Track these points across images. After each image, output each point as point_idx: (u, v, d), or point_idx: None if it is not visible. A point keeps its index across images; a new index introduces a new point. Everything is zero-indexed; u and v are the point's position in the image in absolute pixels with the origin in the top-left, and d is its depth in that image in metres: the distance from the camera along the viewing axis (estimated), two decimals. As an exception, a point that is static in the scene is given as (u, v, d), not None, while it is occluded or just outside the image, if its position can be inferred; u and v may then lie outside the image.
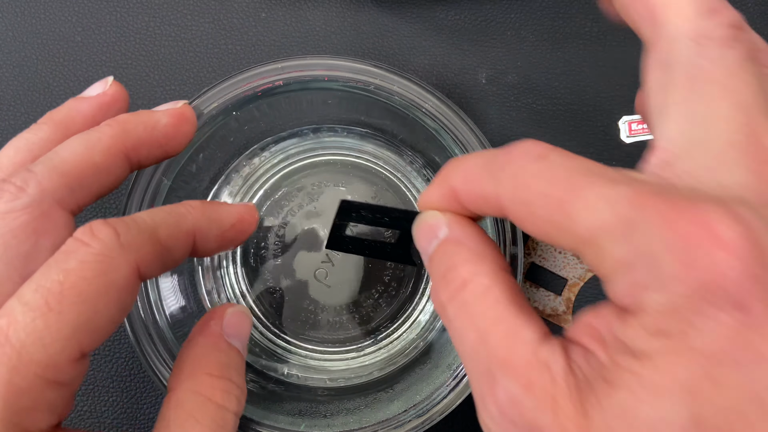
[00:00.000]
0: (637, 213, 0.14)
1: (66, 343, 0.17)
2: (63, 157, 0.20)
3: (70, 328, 0.17)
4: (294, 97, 0.28)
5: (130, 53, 0.34)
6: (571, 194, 0.15)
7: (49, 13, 0.34)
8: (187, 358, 0.21)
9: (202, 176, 0.30)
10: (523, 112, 0.33)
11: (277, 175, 0.31)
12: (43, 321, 0.17)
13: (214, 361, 0.21)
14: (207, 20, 0.34)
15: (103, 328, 0.18)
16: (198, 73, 0.34)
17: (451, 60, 0.34)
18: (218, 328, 0.22)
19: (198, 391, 0.20)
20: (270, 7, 0.34)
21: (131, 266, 0.18)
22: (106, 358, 0.31)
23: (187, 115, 0.23)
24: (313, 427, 0.26)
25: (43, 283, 0.17)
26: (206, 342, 0.22)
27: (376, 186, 0.31)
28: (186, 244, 0.21)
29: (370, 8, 0.34)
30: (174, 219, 0.20)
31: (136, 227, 0.19)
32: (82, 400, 0.31)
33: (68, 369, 0.17)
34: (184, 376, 0.21)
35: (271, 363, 0.30)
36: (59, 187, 0.20)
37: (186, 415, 0.20)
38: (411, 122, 0.28)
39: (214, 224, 0.22)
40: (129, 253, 0.18)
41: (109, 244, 0.18)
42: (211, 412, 0.20)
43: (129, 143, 0.22)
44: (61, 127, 0.22)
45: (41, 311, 0.17)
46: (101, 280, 0.17)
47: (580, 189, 0.15)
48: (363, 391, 0.29)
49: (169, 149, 0.23)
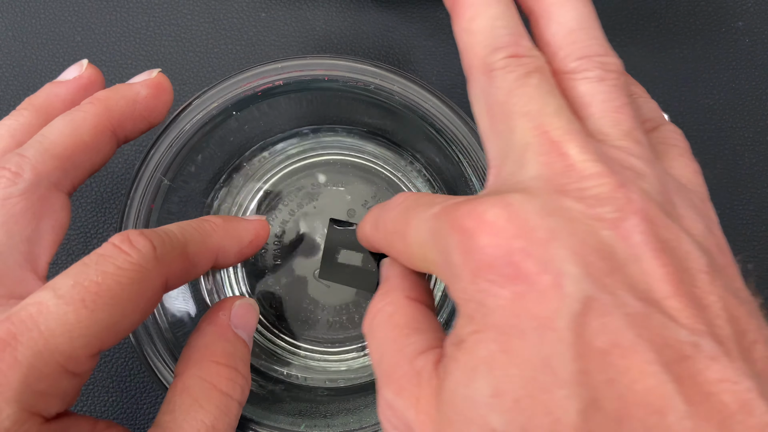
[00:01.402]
0: (439, 223, 0.17)
1: (91, 339, 0.18)
2: (52, 140, 0.21)
3: (99, 326, 0.18)
4: (294, 97, 0.28)
5: (130, 53, 0.34)
6: (405, 225, 0.19)
7: (49, 13, 0.34)
8: (195, 346, 0.22)
9: (202, 176, 0.30)
10: (523, 112, 0.33)
11: (277, 175, 0.31)
12: (75, 316, 0.17)
13: (221, 350, 0.22)
14: (207, 20, 0.34)
15: (124, 331, 0.19)
16: (198, 73, 0.34)
17: (451, 60, 0.34)
18: (226, 318, 0.23)
19: (204, 378, 0.21)
20: (270, 7, 0.34)
21: (162, 279, 0.19)
22: (106, 358, 0.31)
23: (164, 84, 0.24)
24: (313, 427, 0.26)
25: (82, 280, 0.18)
26: (214, 331, 0.23)
27: (376, 186, 0.31)
28: (210, 261, 0.22)
29: (370, 8, 0.34)
30: (201, 236, 0.22)
31: (170, 242, 0.20)
32: (82, 400, 0.31)
33: (86, 363, 0.18)
34: (191, 362, 0.21)
35: (271, 363, 0.30)
36: (53, 170, 0.21)
37: (191, 401, 0.20)
38: (411, 122, 0.28)
39: (235, 241, 0.23)
40: (162, 267, 0.19)
41: (147, 255, 0.19)
42: (216, 399, 0.21)
43: (114, 119, 0.22)
44: (42, 112, 0.23)
45: (75, 306, 0.17)
46: (135, 288, 0.18)
47: (409, 219, 0.18)
48: (363, 391, 0.29)
49: (152, 119, 0.24)
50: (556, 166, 0.16)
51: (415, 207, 0.18)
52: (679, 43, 0.35)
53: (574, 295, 0.14)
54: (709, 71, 0.34)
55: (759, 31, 0.35)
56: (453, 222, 0.16)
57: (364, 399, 0.28)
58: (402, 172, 0.31)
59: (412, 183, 0.31)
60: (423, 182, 0.31)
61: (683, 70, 0.34)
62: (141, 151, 0.33)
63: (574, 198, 0.16)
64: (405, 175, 0.31)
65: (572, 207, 0.15)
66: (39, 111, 0.23)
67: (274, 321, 0.30)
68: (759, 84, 0.34)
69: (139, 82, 0.24)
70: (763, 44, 0.35)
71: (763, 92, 0.34)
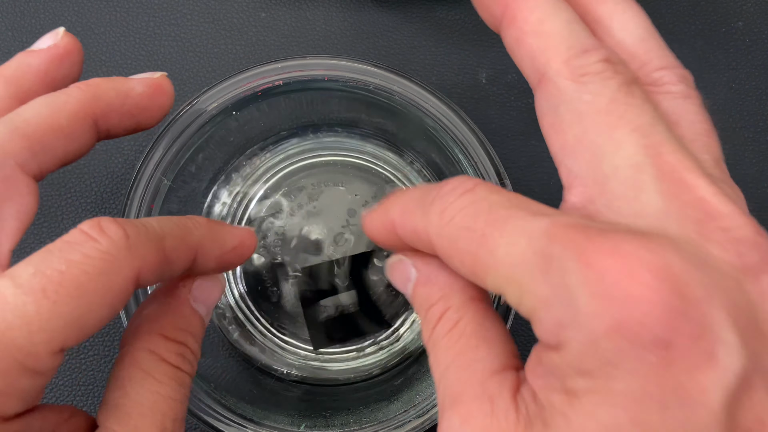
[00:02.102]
0: (554, 247, 0.14)
1: (53, 334, 0.16)
2: (25, 118, 0.19)
3: (61, 320, 0.16)
4: (294, 97, 0.28)
5: (130, 53, 0.34)
6: (492, 228, 0.15)
7: (49, 13, 0.34)
8: (145, 317, 0.20)
9: (202, 176, 0.30)
10: (523, 112, 0.33)
11: (277, 175, 0.31)
12: (35, 307, 0.16)
13: (171, 324, 0.20)
14: (207, 20, 0.34)
15: (89, 328, 0.17)
16: (198, 73, 0.34)
17: (451, 60, 0.34)
18: (186, 291, 0.21)
19: (153, 351, 0.19)
20: (270, 7, 0.34)
21: (133, 271, 0.17)
22: (105, 358, 0.31)
23: (164, 86, 0.22)
24: (313, 427, 0.26)
25: (44, 268, 0.16)
26: (168, 302, 0.21)
27: (376, 186, 0.31)
28: (187, 259, 0.20)
29: (370, 8, 0.34)
30: (181, 231, 0.20)
31: (145, 232, 0.18)
32: (81, 400, 0.31)
33: (47, 360, 0.16)
34: (139, 334, 0.20)
35: (271, 363, 0.30)
36: (21, 150, 0.19)
37: (143, 374, 0.19)
38: (411, 122, 0.28)
39: (217, 244, 0.21)
40: (134, 258, 0.17)
41: (118, 243, 0.17)
42: (169, 372, 0.19)
43: (99, 109, 0.20)
44: (12, 83, 0.21)
45: (35, 297, 0.16)
46: (102, 279, 0.17)
47: (501, 222, 0.15)
48: (363, 391, 0.29)
49: (142, 120, 0.22)
50: (685, 200, 0.15)
51: (509, 208, 0.15)
52: (678, 44, 0.35)
53: (730, 367, 0.13)
54: (709, 71, 0.34)
55: (759, 31, 0.35)
56: (582, 254, 0.14)
57: (364, 399, 0.28)
58: (402, 172, 0.31)
59: (412, 183, 0.31)
60: (423, 182, 0.31)
61: (683, 70, 0.34)
62: (141, 151, 0.33)
63: (719, 245, 0.14)
64: (405, 175, 0.31)
65: (720, 257, 0.14)
66: (9, 82, 0.21)
67: (273, 321, 0.30)
68: (759, 84, 0.34)
69: (137, 78, 0.22)
70: (763, 44, 0.35)
71: (763, 92, 0.34)
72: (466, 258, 0.16)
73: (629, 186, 0.15)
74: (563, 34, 0.17)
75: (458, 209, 0.16)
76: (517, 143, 0.33)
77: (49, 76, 0.21)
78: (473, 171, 0.26)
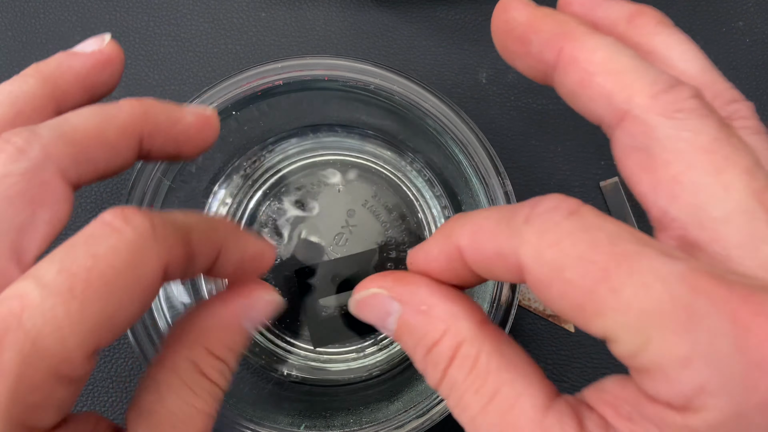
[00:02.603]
0: (698, 300, 0.13)
1: (86, 336, 0.15)
2: (74, 125, 0.18)
3: (92, 320, 0.15)
4: (294, 97, 0.28)
5: (130, 53, 0.34)
6: (617, 264, 0.13)
7: (49, 13, 0.34)
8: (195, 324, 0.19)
9: (202, 176, 0.30)
10: (523, 112, 0.33)
11: (277, 175, 0.31)
12: (64, 309, 0.14)
13: (219, 340, 0.19)
14: (207, 20, 0.34)
15: (121, 325, 0.16)
16: (198, 73, 0.34)
17: (451, 60, 0.34)
18: (241, 307, 0.20)
19: (195, 362, 0.19)
20: (270, 7, 0.34)
21: (162, 263, 0.16)
22: (106, 358, 0.31)
23: (212, 122, 0.22)
24: (313, 427, 0.26)
25: (68, 265, 0.15)
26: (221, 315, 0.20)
27: (376, 186, 0.31)
28: (210, 257, 0.19)
29: (370, 8, 0.34)
30: (207, 226, 0.18)
31: (172, 223, 0.17)
32: (81, 400, 0.31)
33: (82, 365, 0.15)
34: (184, 342, 0.19)
35: (271, 363, 0.30)
36: (64, 156, 0.18)
37: (181, 383, 0.18)
38: (411, 122, 0.28)
39: (239, 247, 0.20)
40: (162, 249, 0.16)
41: (144, 234, 0.16)
42: (207, 387, 0.19)
43: (147, 128, 0.20)
44: (50, 83, 0.20)
45: (63, 298, 0.15)
46: (131, 273, 0.15)
47: (629, 259, 0.13)
48: (363, 391, 0.29)
49: (184, 150, 0.21)
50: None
51: (636, 243, 0.14)
52: (679, 43, 0.35)
53: None
54: (709, 71, 0.34)
55: (759, 31, 0.35)
56: (735, 314, 0.13)
57: (364, 399, 0.28)
58: (402, 172, 0.31)
59: (412, 183, 0.31)
60: (423, 182, 0.31)
61: (683, 70, 0.34)
62: (141, 151, 0.33)
63: None
64: (405, 175, 0.31)
65: None
66: (47, 81, 0.20)
67: (274, 321, 0.30)
68: (759, 84, 0.34)
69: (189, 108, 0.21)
70: (763, 44, 0.35)
71: (764, 92, 0.34)
72: (572, 291, 0.14)
73: (746, 234, 0.14)
74: (639, 69, 0.16)
75: (567, 233, 0.14)
76: (517, 143, 0.33)
77: (89, 81, 0.21)
78: (473, 171, 0.26)
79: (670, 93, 0.15)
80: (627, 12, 0.18)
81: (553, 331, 0.31)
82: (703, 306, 0.13)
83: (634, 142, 0.16)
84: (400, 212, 0.30)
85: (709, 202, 0.14)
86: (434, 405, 0.25)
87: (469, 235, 0.16)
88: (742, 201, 0.14)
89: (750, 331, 0.12)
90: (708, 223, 0.14)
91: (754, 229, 0.14)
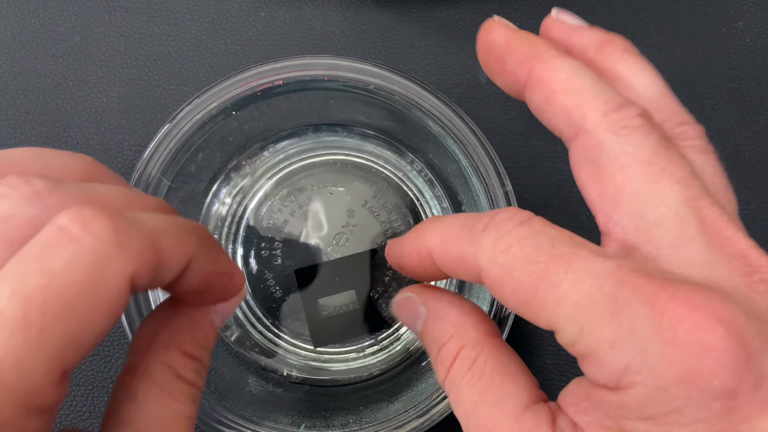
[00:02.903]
0: (622, 290, 0.14)
1: (50, 363, 0.14)
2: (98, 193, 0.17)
3: (55, 345, 0.14)
4: (294, 97, 0.28)
5: (130, 53, 0.34)
6: (555, 262, 0.15)
7: (49, 13, 0.34)
8: (163, 327, 0.19)
9: (202, 176, 0.30)
10: (523, 112, 0.33)
11: (277, 175, 0.31)
12: (21, 337, 0.13)
13: (192, 339, 0.19)
14: (206, 20, 0.34)
15: (88, 345, 0.14)
16: (198, 73, 0.34)
17: (451, 60, 0.34)
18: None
19: (170, 366, 0.18)
20: (269, 7, 0.34)
21: (128, 273, 0.15)
22: (105, 359, 0.31)
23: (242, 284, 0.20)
24: (313, 427, 0.26)
25: (21, 287, 0.13)
26: (190, 315, 0.19)
27: (376, 186, 0.31)
28: (179, 266, 0.17)
29: (370, 8, 0.34)
30: (177, 231, 0.16)
31: (139, 227, 0.15)
32: (81, 401, 0.31)
33: (52, 392, 0.14)
34: (155, 346, 0.18)
35: (271, 363, 0.30)
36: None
37: (158, 389, 0.17)
38: (411, 122, 0.28)
39: (210, 260, 0.18)
40: (128, 258, 0.14)
41: (106, 242, 0.14)
42: (185, 389, 0.18)
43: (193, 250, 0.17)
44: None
45: (19, 326, 0.13)
46: (92, 289, 0.14)
47: (566, 259, 0.15)
48: (363, 391, 0.29)
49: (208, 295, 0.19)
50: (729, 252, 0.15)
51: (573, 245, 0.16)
52: (679, 43, 0.35)
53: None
54: (709, 71, 0.34)
55: (759, 31, 0.35)
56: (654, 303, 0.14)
57: (364, 399, 0.28)
58: (402, 172, 0.31)
59: (412, 183, 0.31)
60: (423, 182, 0.31)
61: (683, 70, 0.34)
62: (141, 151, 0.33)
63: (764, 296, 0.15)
64: (405, 175, 0.31)
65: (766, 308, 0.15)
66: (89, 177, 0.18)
67: (274, 321, 0.30)
68: (759, 84, 0.34)
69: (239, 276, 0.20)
70: (763, 44, 0.35)
71: (764, 92, 0.34)
72: (520, 289, 0.16)
73: (676, 236, 0.16)
74: (595, 90, 0.17)
75: (516, 239, 0.16)
76: (517, 143, 0.33)
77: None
78: (473, 171, 0.26)
79: (618, 112, 0.17)
80: (597, 40, 0.20)
81: (553, 331, 0.31)
82: (626, 295, 0.14)
83: (586, 154, 0.17)
84: (400, 212, 0.30)
85: (646, 208, 0.16)
86: (434, 405, 0.25)
87: (437, 238, 0.18)
88: (674, 207, 0.16)
89: (665, 314, 0.14)
90: (644, 227, 0.16)
91: (683, 231, 0.16)
